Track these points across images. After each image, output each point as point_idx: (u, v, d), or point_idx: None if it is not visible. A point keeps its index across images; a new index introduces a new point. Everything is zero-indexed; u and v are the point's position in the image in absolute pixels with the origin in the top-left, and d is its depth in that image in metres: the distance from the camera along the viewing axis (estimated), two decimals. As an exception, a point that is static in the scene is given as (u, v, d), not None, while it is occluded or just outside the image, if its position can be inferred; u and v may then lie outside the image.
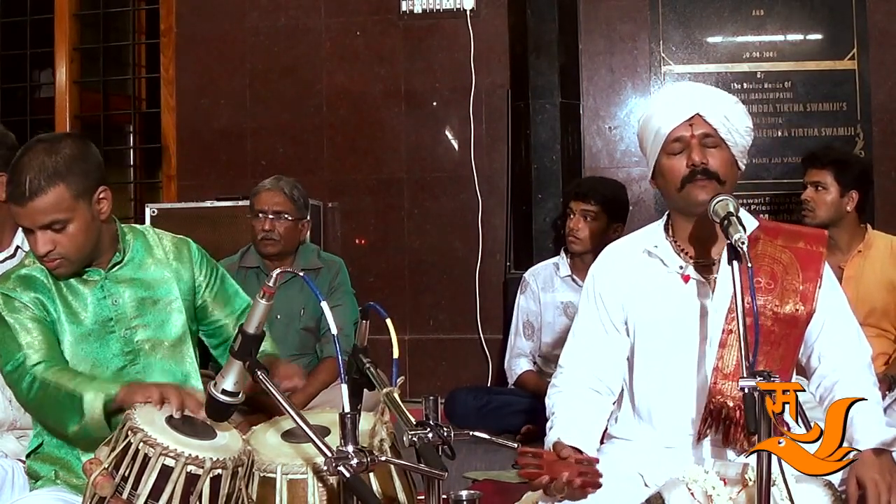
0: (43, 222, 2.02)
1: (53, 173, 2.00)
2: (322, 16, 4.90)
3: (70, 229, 2.04)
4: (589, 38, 4.70)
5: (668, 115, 2.09)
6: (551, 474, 1.81)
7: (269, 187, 3.61)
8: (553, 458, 1.88)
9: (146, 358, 2.18)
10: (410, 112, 4.84)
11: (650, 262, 2.18)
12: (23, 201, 1.99)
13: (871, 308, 3.39)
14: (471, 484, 3.10)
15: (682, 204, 2.10)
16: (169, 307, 2.23)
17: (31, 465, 2.17)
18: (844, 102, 4.55)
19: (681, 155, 2.08)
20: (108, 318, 2.15)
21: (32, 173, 1.99)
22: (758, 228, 2.15)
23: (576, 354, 2.21)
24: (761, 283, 2.08)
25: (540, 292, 3.94)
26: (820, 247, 2.14)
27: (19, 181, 1.99)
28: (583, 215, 3.80)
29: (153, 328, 2.20)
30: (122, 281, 2.18)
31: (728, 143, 2.08)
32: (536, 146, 4.51)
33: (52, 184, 2.00)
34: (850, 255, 3.48)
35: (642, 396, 2.17)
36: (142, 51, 5.37)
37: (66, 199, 2.02)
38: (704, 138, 2.07)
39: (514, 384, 3.95)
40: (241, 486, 1.78)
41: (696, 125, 2.07)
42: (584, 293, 2.27)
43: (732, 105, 2.11)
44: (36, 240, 2.03)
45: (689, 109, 2.08)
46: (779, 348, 2.07)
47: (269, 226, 3.53)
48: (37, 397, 2.01)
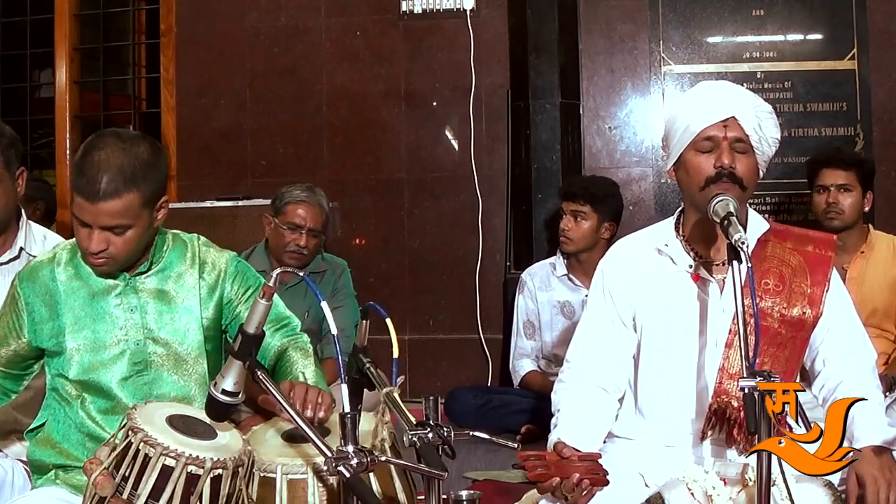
0: (107, 224, 1.98)
1: (131, 178, 1.96)
2: (322, 16, 4.90)
3: (128, 234, 2.01)
4: (589, 38, 4.70)
5: (704, 112, 2.07)
6: (560, 475, 1.82)
7: (309, 202, 3.54)
8: (555, 459, 1.88)
9: (156, 371, 2.13)
10: (410, 112, 4.84)
11: (660, 260, 2.18)
12: (94, 199, 1.95)
13: (873, 308, 3.38)
14: (471, 484, 3.10)
15: (700, 202, 2.08)
16: (188, 324, 2.17)
17: (32, 449, 2.15)
18: (844, 102, 4.55)
19: (709, 154, 2.06)
20: (121, 326, 2.11)
21: (111, 174, 1.95)
22: (768, 231, 2.15)
23: (584, 349, 2.22)
24: (769, 285, 2.09)
25: (537, 292, 3.94)
26: (829, 251, 2.15)
27: (95, 178, 1.94)
28: (573, 215, 3.80)
29: (167, 342, 2.14)
30: (143, 290, 2.14)
31: (756, 151, 2.07)
32: (536, 146, 4.51)
33: (128, 189, 1.96)
34: (854, 255, 3.47)
35: (646, 394, 2.18)
36: (142, 51, 5.36)
37: (135, 206, 1.99)
38: (736, 142, 2.05)
39: (519, 385, 3.95)
40: (241, 487, 1.78)
41: (731, 128, 2.05)
42: (593, 288, 2.27)
43: (767, 114, 2.09)
44: (91, 237, 1.99)
45: (727, 111, 2.05)
46: (784, 350, 2.07)
47: (305, 242, 3.50)
48: None
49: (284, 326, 2.32)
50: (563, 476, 1.82)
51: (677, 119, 2.12)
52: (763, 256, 2.12)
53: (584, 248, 3.81)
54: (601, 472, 1.85)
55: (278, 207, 3.59)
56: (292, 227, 3.52)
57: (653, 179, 4.67)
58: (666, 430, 2.13)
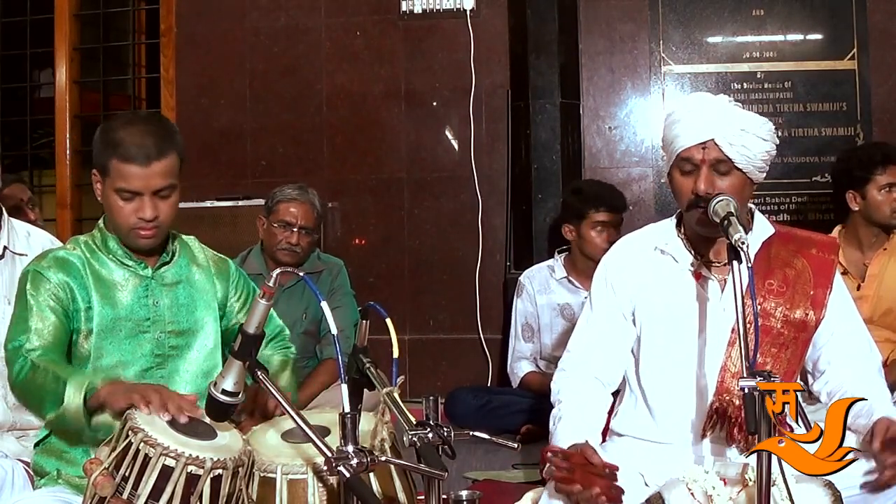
0: (158, 186, 2.07)
1: (170, 139, 2.10)
2: (322, 16, 4.90)
3: (172, 198, 2.12)
4: (589, 38, 4.70)
5: (684, 132, 2.04)
6: (582, 483, 1.83)
7: (300, 199, 3.58)
8: (581, 461, 1.89)
9: (174, 363, 2.17)
10: (410, 112, 4.84)
11: (661, 259, 2.19)
12: (147, 162, 2.04)
13: (888, 308, 3.36)
14: (471, 484, 3.10)
15: (687, 220, 2.12)
16: (206, 317, 2.23)
17: (37, 458, 2.15)
18: (844, 102, 4.55)
19: (689, 176, 2.04)
20: (146, 318, 2.15)
21: (154, 137, 2.07)
22: (773, 234, 2.16)
23: (585, 340, 2.24)
24: (773, 286, 2.10)
25: (536, 294, 3.94)
26: (832, 255, 2.15)
27: (143, 143, 2.05)
28: (612, 224, 3.80)
29: (187, 335, 2.19)
30: (166, 283, 2.19)
31: (742, 169, 2.03)
32: (536, 146, 4.52)
33: (170, 149, 2.09)
34: (877, 252, 3.45)
35: (647, 391, 2.19)
36: (142, 51, 5.36)
37: (176, 165, 2.12)
38: (716, 164, 2.02)
39: (519, 386, 3.94)
40: (241, 487, 1.78)
41: (710, 149, 2.02)
42: (595, 281, 2.29)
43: (752, 133, 2.01)
44: (144, 204, 2.07)
45: (705, 133, 2.01)
46: (786, 351, 2.08)
47: (297, 240, 3.53)
48: (25, 379, 2.01)
49: (276, 337, 2.42)
50: (584, 485, 1.83)
51: (667, 130, 2.11)
52: (767, 258, 2.12)
53: None
54: (618, 491, 1.86)
55: (270, 207, 3.62)
56: (283, 224, 3.55)
57: (653, 179, 4.67)
58: (667, 426, 2.13)
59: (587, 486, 1.83)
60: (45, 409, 1.97)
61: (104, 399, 1.89)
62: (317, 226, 3.63)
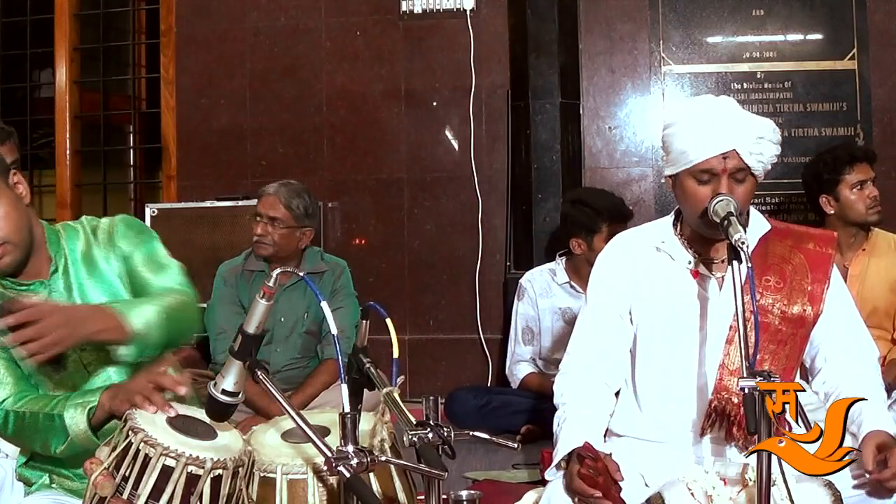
0: None
1: None
2: (322, 16, 4.90)
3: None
4: (589, 38, 4.70)
5: (703, 143, 2.02)
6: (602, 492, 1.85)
7: (270, 193, 3.62)
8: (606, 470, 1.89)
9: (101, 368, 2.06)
10: (410, 112, 4.84)
11: (658, 257, 2.19)
12: None
13: (873, 307, 3.37)
14: (471, 484, 3.10)
15: (697, 224, 2.10)
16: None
17: (23, 472, 2.12)
18: (844, 102, 4.55)
19: (707, 185, 2.04)
20: None
21: None
22: (769, 230, 2.16)
23: (585, 341, 2.23)
24: (770, 282, 2.10)
25: (538, 298, 3.92)
26: (829, 248, 2.15)
27: None
28: None
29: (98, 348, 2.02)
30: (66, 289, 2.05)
31: (756, 174, 2.05)
32: (536, 146, 4.52)
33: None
34: (856, 252, 3.46)
35: (645, 390, 2.18)
36: (142, 51, 5.37)
37: None
38: (735, 172, 2.03)
39: (518, 387, 3.93)
40: (241, 487, 1.78)
41: (730, 158, 2.02)
42: (592, 279, 2.28)
43: (767, 140, 2.04)
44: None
45: (726, 143, 2.01)
46: (785, 347, 2.08)
47: (262, 230, 3.55)
48: (16, 429, 1.94)
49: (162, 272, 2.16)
50: (603, 493, 1.84)
51: (675, 139, 2.07)
52: (764, 254, 2.12)
53: None
54: None
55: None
56: (255, 216, 3.61)
57: (653, 179, 4.67)
58: (665, 426, 2.13)
59: (605, 496, 1.84)
60: (52, 446, 1.92)
61: (109, 408, 1.86)
62: (289, 218, 3.55)
